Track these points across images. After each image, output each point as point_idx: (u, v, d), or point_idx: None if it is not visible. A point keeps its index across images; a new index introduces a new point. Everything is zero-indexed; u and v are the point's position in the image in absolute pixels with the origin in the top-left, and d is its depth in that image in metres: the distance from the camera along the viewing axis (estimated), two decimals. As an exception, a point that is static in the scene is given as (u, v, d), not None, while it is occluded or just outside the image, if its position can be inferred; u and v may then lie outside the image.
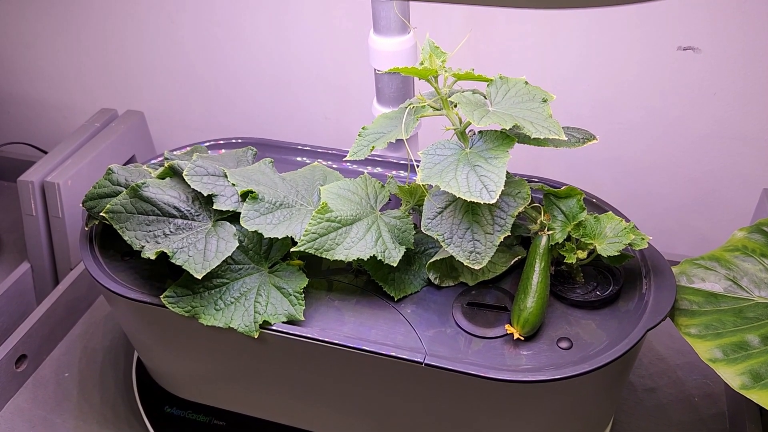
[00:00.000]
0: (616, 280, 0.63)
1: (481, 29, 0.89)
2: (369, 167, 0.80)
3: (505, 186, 0.55)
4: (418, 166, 0.58)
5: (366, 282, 0.66)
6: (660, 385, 0.79)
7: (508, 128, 0.55)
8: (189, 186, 0.65)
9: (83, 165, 0.93)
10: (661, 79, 0.87)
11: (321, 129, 1.07)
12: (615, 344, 0.58)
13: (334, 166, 0.78)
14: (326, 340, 0.59)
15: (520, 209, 0.58)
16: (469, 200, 0.54)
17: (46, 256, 0.95)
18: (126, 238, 0.64)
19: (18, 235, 1.05)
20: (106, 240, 0.71)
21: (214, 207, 0.64)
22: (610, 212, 0.63)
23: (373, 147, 0.62)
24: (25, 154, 1.16)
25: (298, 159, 0.82)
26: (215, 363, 0.68)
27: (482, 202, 0.53)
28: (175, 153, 0.78)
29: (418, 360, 0.57)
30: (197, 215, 0.65)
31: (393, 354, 0.58)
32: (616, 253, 0.60)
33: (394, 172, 0.79)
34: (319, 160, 0.80)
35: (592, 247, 0.61)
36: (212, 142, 0.83)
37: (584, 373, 0.55)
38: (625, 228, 0.61)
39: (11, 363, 0.81)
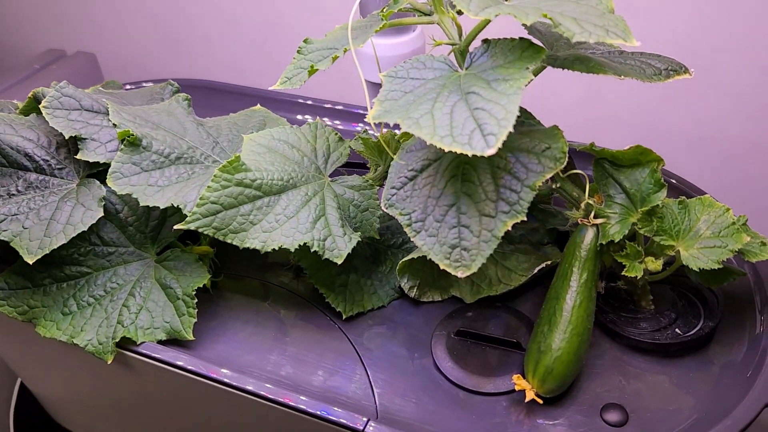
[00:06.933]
0: (709, 312, 0.38)
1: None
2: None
3: (525, 136, 0.30)
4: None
5: (309, 287, 0.43)
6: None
7: (529, 23, 0.30)
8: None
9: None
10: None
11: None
12: (707, 425, 0.32)
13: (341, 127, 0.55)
14: (212, 376, 0.36)
15: (548, 176, 0.32)
16: (451, 150, 0.29)
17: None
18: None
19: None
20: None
21: (79, 156, 0.44)
22: (708, 195, 0.37)
23: (314, 68, 0.38)
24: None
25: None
26: (74, 385, 0.47)
27: (474, 154, 0.29)
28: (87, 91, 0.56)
29: (357, 426, 0.33)
30: (60, 169, 0.44)
31: (316, 412, 0.34)
32: (716, 266, 0.34)
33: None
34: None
35: (672, 253, 0.36)
36: (151, 83, 0.61)
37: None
38: (734, 223, 0.35)
39: None
